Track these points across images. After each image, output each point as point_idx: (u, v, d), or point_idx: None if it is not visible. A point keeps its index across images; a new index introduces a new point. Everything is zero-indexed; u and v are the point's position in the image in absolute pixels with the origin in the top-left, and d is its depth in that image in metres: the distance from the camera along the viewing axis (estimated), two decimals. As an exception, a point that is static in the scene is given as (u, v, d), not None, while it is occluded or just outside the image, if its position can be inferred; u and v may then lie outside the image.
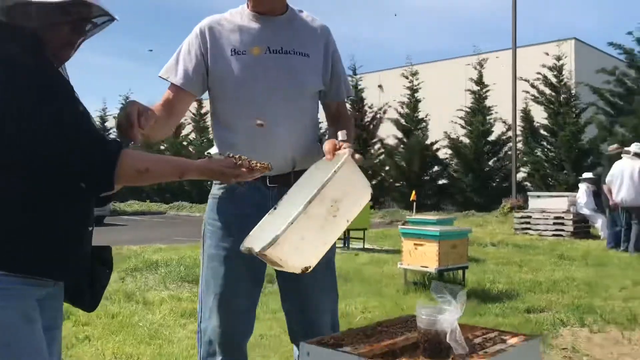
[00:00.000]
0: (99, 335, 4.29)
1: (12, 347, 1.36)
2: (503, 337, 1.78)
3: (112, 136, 1.71)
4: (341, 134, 1.87)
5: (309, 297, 2.13)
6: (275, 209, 1.84)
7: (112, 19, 1.57)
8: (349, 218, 1.69)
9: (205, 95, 2.19)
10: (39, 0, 1.40)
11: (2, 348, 1.35)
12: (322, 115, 2.29)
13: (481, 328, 1.91)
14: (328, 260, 2.11)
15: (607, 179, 10.02)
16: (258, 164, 1.61)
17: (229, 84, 2.05)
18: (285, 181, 2.03)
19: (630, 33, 20.25)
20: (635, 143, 10.36)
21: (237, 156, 1.60)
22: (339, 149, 1.81)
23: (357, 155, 1.82)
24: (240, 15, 2.12)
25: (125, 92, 42.04)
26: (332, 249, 2.19)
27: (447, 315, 1.43)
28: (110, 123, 34.46)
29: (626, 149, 10.15)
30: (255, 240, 1.70)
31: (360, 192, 1.73)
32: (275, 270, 2.11)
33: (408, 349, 1.68)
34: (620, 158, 10.10)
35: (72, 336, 4.23)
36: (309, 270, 1.66)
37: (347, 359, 1.54)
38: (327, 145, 1.84)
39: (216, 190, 2.14)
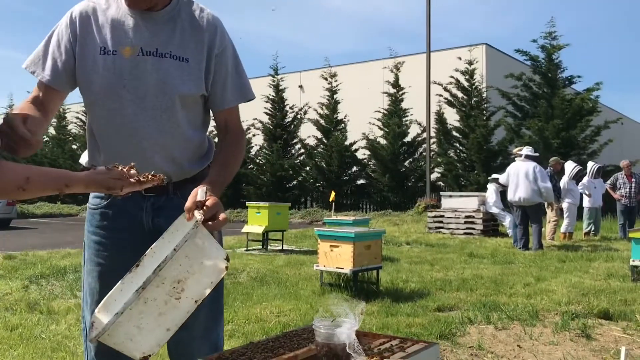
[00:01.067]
0: (-5, 351, 4.02)
1: None
2: (403, 345, 1.81)
3: None
4: (200, 191, 1.61)
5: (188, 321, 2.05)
6: (137, 266, 1.63)
7: None
8: (197, 298, 1.49)
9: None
10: None
11: None
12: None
13: (384, 336, 1.93)
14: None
15: (502, 180, 10.59)
16: (149, 176, 1.53)
17: (95, 88, 1.84)
18: (162, 191, 1.89)
19: (534, 41, 21.45)
20: (527, 147, 11.01)
21: (125, 167, 1.52)
22: (202, 205, 1.58)
23: (221, 215, 1.59)
24: (116, 6, 1.87)
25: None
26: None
27: (344, 328, 1.43)
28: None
29: (519, 152, 10.74)
30: (104, 312, 1.56)
31: (210, 268, 1.50)
32: None
33: (309, 361, 1.68)
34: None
35: (-36, 352, 3.95)
36: (150, 357, 1.50)
37: (247, 374, 1.51)
38: (188, 201, 1.60)
39: (92, 199, 2.00)
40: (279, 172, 23.93)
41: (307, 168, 24.53)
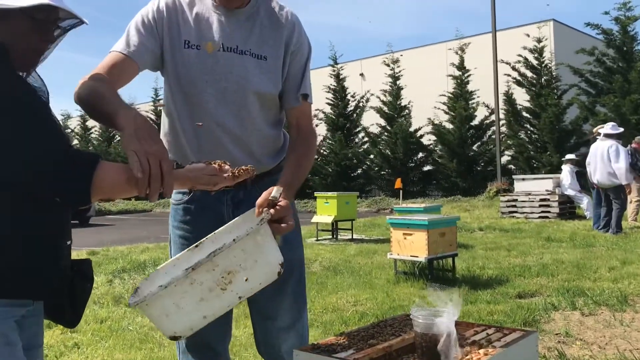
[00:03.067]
0: (88, 342, 4.20)
1: None
2: (500, 334, 1.75)
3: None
4: (276, 190, 1.62)
5: (271, 309, 2.01)
6: (197, 246, 1.67)
7: (81, 22, 1.49)
8: (242, 295, 1.46)
9: None
10: (1, 6, 1.32)
11: None
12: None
13: (478, 325, 1.87)
14: (294, 266, 2.00)
15: (587, 161, 10.14)
16: (241, 169, 1.54)
17: (180, 80, 1.88)
18: (241, 185, 1.85)
19: (607, 13, 20.50)
20: (609, 123, 10.42)
21: (217, 162, 1.53)
22: (274, 205, 1.59)
23: (290, 222, 1.60)
24: (200, 1, 1.92)
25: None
26: (299, 254, 2.05)
27: (444, 319, 1.39)
28: (90, 123, 34.17)
29: (599, 130, 10.22)
30: (151, 282, 1.56)
31: (263, 268, 1.47)
32: None
33: (404, 352, 1.65)
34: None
35: (60, 344, 4.15)
36: (179, 339, 1.49)
37: (343, 365, 1.49)
38: (261, 197, 1.62)
39: (174, 195, 2.04)
40: (343, 161, 23.90)
41: (372, 156, 24.39)
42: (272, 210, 1.57)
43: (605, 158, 9.51)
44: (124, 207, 25.14)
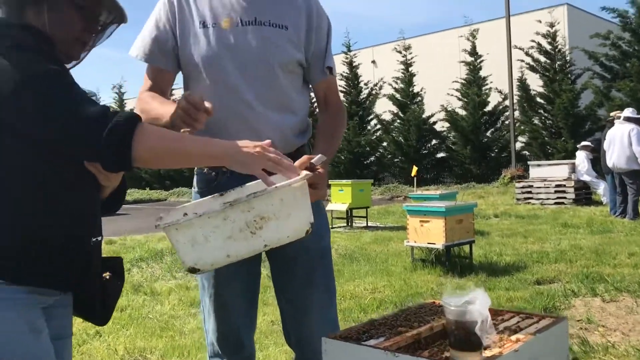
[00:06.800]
0: (109, 330, 4.24)
1: (17, 357, 1.28)
2: (530, 320, 1.74)
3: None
4: (318, 158, 1.65)
5: (302, 301, 1.99)
6: (221, 195, 1.67)
7: (121, 18, 1.49)
8: (268, 243, 1.48)
9: None
10: None
11: (6, 358, 1.28)
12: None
13: (507, 312, 1.86)
14: (323, 254, 1.99)
15: (604, 145, 10.01)
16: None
17: (198, 61, 1.85)
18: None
19: (623, -5, 20.05)
20: (628, 108, 10.29)
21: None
22: (313, 170, 1.60)
23: (324, 191, 1.68)
24: None
25: (118, 81, 41.32)
26: (327, 242, 2.02)
27: (478, 305, 1.38)
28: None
29: (618, 114, 10.09)
30: (171, 218, 1.57)
31: (294, 223, 1.48)
32: (270, 263, 2.02)
33: (433, 339, 1.64)
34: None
35: (82, 332, 4.18)
36: (197, 273, 1.49)
37: (372, 353, 1.48)
38: (301, 159, 1.63)
39: (196, 183, 2.02)
40: (356, 149, 23.81)
41: (385, 144, 24.28)
42: (310, 173, 1.55)
43: (625, 141, 9.37)
44: (139, 196, 25.30)
